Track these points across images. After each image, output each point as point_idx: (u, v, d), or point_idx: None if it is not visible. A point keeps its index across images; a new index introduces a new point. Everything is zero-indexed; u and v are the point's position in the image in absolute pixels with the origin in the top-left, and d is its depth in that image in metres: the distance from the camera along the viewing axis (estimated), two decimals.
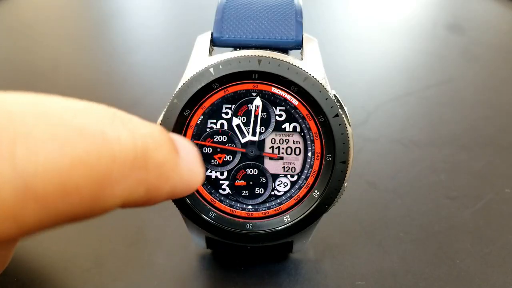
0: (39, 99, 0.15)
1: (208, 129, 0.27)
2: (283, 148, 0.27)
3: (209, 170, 0.28)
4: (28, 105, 0.14)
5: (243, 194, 0.28)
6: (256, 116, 0.27)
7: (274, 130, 0.27)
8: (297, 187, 0.28)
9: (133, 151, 0.16)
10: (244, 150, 0.27)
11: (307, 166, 0.27)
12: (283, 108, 0.27)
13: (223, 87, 0.26)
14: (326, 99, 0.25)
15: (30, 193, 0.13)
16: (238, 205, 0.28)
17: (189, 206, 0.26)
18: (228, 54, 0.26)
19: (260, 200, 0.28)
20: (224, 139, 0.27)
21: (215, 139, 0.27)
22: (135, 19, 0.72)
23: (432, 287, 0.30)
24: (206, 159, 0.27)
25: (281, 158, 0.28)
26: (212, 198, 0.28)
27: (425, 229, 0.34)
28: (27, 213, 0.14)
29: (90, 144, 0.15)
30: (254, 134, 0.27)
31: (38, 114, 0.14)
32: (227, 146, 0.27)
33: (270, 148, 0.27)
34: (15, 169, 0.13)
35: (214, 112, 0.27)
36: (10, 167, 0.13)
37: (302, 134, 0.27)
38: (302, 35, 0.28)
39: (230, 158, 0.27)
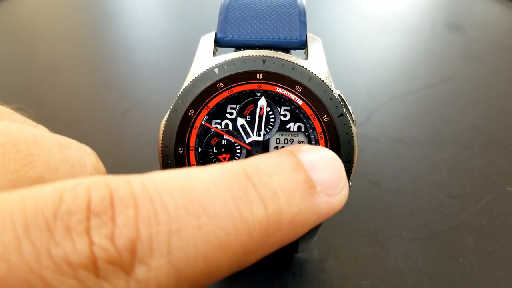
0: (184, 186, 0.16)
1: (212, 129, 0.27)
2: None
3: None
4: (177, 194, 0.15)
5: None
6: (260, 116, 0.27)
7: (278, 130, 0.27)
8: None
9: (265, 220, 0.16)
10: (249, 148, 0.27)
11: None
12: (288, 108, 0.27)
13: (228, 87, 0.26)
14: (331, 98, 0.26)
15: (182, 280, 0.15)
16: None
17: None
18: (232, 54, 0.26)
19: None
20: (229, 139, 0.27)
21: (221, 139, 0.27)
22: (136, 20, 0.72)
23: (436, 286, 0.30)
24: (211, 160, 0.27)
25: None
26: None
27: (428, 228, 0.35)
28: None
29: (229, 227, 0.16)
30: (258, 134, 0.27)
31: (185, 204, 0.15)
32: (234, 138, 0.27)
33: (274, 148, 0.27)
34: (171, 262, 0.14)
35: (219, 113, 0.27)
36: (166, 261, 0.14)
37: (306, 134, 0.27)
38: (306, 35, 0.28)
39: (236, 159, 0.27)
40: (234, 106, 0.27)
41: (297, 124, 0.27)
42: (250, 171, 0.17)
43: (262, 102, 0.27)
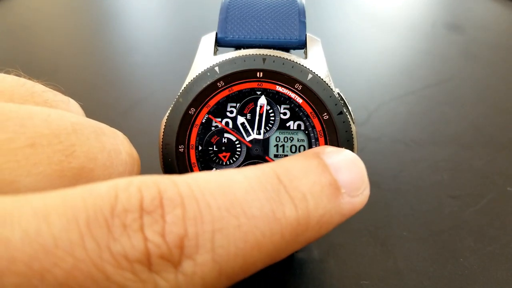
0: (225, 188, 0.17)
1: (213, 128, 0.27)
2: (287, 146, 0.27)
3: (214, 169, 0.28)
4: (219, 196, 0.16)
5: None
6: (260, 115, 0.27)
7: (278, 128, 0.27)
8: None
9: (296, 220, 0.18)
10: (250, 145, 0.27)
11: None
12: (288, 106, 0.27)
13: (228, 85, 0.26)
14: (330, 97, 0.26)
15: (223, 275, 0.16)
16: None
17: None
18: (233, 53, 0.26)
19: None
20: (229, 138, 0.27)
21: (222, 138, 0.27)
22: (136, 20, 0.72)
23: (436, 286, 0.30)
24: (211, 158, 0.27)
25: (286, 156, 0.28)
26: None
27: (428, 228, 0.35)
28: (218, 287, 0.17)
29: (265, 228, 0.17)
30: (258, 132, 0.27)
31: (227, 205, 0.16)
32: (237, 135, 0.27)
33: (274, 146, 0.27)
34: (214, 258, 0.16)
35: (219, 111, 0.27)
36: (210, 258, 0.15)
37: (306, 132, 0.27)
38: (306, 35, 0.28)
39: (236, 157, 0.27)
40: (235, 104, 0.27)
41: (297, 122, 0.27)
42: (281, 174, 0.18)
43: (262, 100, 0.27)
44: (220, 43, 0.28)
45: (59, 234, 0.14)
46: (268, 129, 0.27)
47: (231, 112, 0.27)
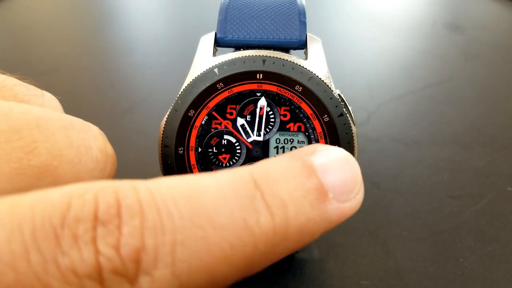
0: (191, 194, 0.15)
1: (212, 130, 0.27)
2: (287, 148, 0.27)
3: (214, 171, 0.28)
4: (183, 204, 0.15)
5: None
6: (260, 116, 0.27)
7: (278, 130, 0.27)
8: None
9: (271, 230, 0.16)
10: (251, 146, 0.27)
11: None
12: (288, 108, 0.27)
13: (228, 87, 0.26)
14: (331, 98, 0.26)
15: None
16: None
17: None
18: (232, 54, 0.26)
19: None
20: (230, 139, 0.27)
21: (221, 139, 0.27)
22: (136, 20, 0.72)
23: (436, 286, 0.30)
24: (211, 160, 0.27)
25: None
26: None
27: (429, 228, 0.35)
28: None
29: (234, 239, 0.15)
30: (258, 134, 0.27)
31: (191, 214, 0.15)
32: (238, 134, 0.27)
33: (274, 148, 0.27)
34: (174, 274, 0.14)
35: (219, 113, 0.27)
36: (170, 272, 0.14)
37: (306, 134, 0.27)
38: (306, 35, 0.28)
39: (236, 158, 0.27)
40: (234, 106, 0.27)
41: (297, 124, 0.27)
42: (259, 178, 0.17)
43: (262, 102, 0.27)
44: (219, 43, 0.28)
45: (0, 245, 0.13)
46: (268, 130, 0.27)
47: (231, 113, 0.27)
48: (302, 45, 0.28)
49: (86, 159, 0.19)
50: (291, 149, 0.27)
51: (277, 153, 0.27)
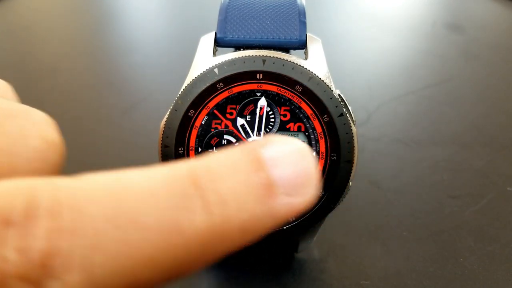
0: (116, 193, 0.14)
1: (212, 130, 0.27)
2: None
3: None
4: (104, 203, 0.14)
5: None
6: (260, 116, 0.27)
7: (278, 130, 0.27)
8: None
9: (208, 230, 0.15)
10: None
11: None
12: (288, 108, 0.27)
13: (228, 87, 0.26)
14: (331, 98, 0.26)
15: None
16: None
17: None
18: (232, 54, 0.26)
19: None
20: (230, 140, 0.27)
21: (221, 139, 0.27)
22: (136, 20, 0.72)
23: (436, 286, 0.30)
24: None
25: None
26: None
27: (429, 228, 0.35)
28: None
29: (160, 241, 0.14)
30: (258, 134, 0.27)
31: (112, 215, 0.14)
32: (238, 133, 0.27)
33: None
34: (88, 278, 0.13)
35: (219, 113, 0.27)
36: (84, 278, 0.13)
37: (306, 134, 0.27)
38: (306, 35, 0.28)
39: None
40: (234, 106, 0.27)
41: (297, 124, 0.27)
42: (199, 175, 0.15)
43: (262, 102, 0.27)
44: (219, 43, 0.28)
45: None
46: (268, 130, 0.27)
47: (231, 113, 0.27)
48: (302, 45, 0.28)
49: (21, 149, 0.17)
50: None
51: None
